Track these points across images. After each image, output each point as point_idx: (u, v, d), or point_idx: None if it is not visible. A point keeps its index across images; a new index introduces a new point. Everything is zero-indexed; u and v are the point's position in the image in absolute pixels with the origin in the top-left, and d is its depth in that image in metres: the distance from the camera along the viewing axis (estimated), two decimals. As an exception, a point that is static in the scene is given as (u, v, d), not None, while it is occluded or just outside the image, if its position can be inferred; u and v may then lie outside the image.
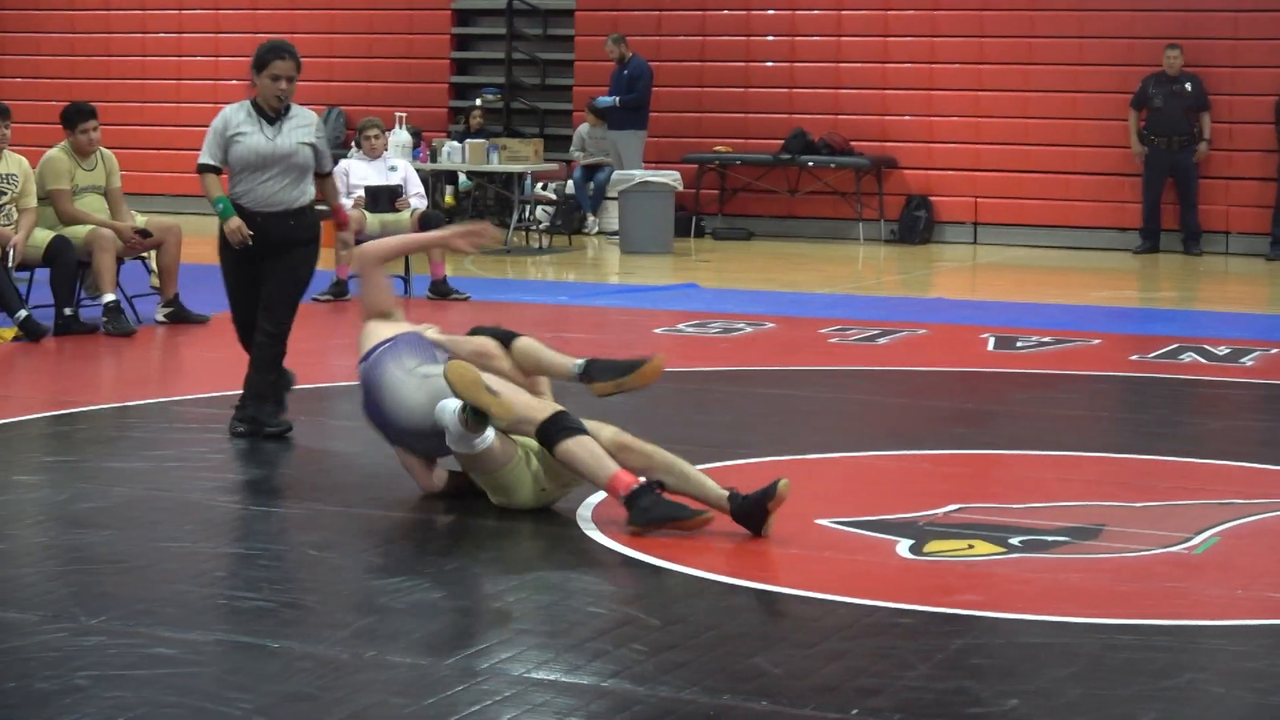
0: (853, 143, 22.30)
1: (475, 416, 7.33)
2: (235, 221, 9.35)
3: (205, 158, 9.63)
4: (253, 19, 25.40)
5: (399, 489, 8.12)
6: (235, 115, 9.62)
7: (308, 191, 9.60)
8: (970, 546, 7.28)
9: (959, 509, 7.88)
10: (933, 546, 7.26)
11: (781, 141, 22.45)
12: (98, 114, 13.90)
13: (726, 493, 7.41)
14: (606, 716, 5.25)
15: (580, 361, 7.93)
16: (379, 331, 7.98)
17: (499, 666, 5.65)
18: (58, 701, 5.25)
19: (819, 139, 22.31)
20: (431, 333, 8.13)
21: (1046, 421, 10.14)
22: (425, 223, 15.62)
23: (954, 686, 5.54)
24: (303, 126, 9.59)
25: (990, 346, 13.10)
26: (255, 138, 9.48)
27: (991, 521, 7.66)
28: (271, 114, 9.61)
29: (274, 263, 9.39)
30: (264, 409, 9.16)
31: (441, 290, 15.60)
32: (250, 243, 9.31)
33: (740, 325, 13.96)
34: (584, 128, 22.84)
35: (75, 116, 13.76)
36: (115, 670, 5.56)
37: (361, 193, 15.78)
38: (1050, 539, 7.40)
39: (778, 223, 22.88)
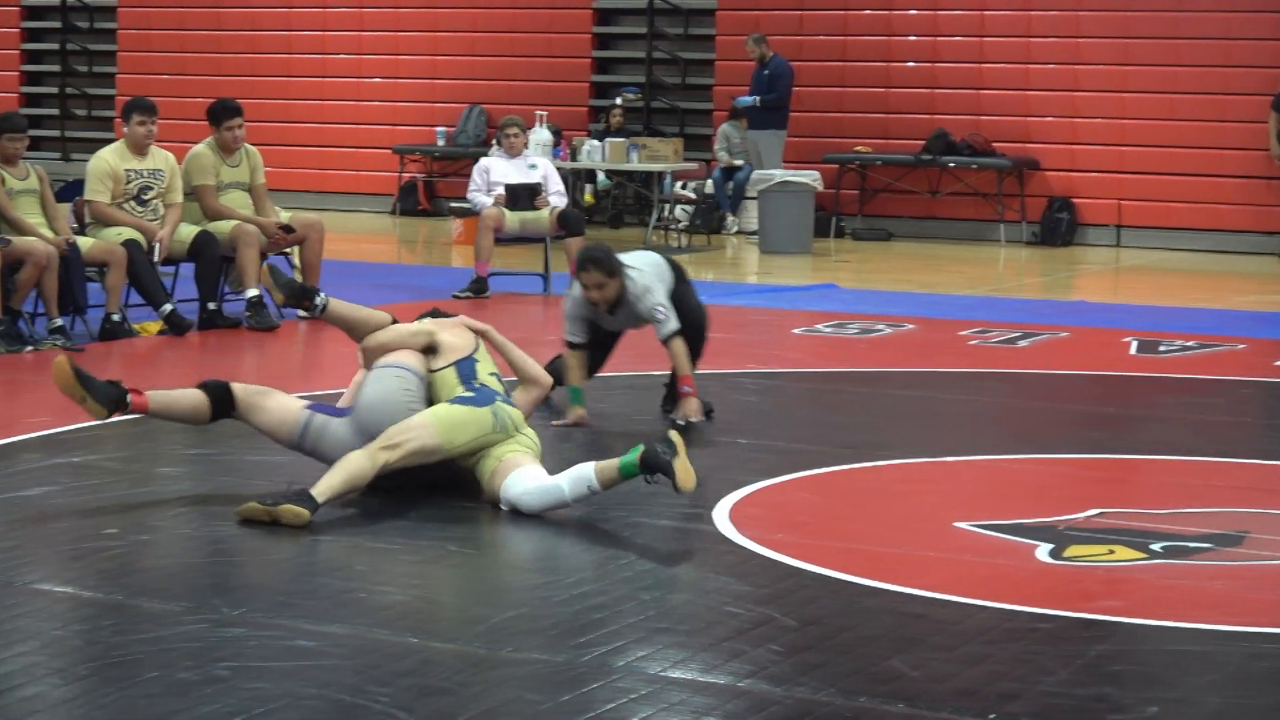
0: (995, 144, 22.16)
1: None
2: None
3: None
4: (396, 17, 25.57)
5: (537, 486, 8.16)
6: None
7: None
8: (1111, 552, 7.22)
9: (1100, 514, 7.81)
10: (1073, 551, 7.20)
11: (923, 142, 22.35)
12: (243, 112, 14.04)
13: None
14: (742, 716, 5.24)
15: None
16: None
17: (635, 664, 5.65)
18: (198, 691, 5.31)
19: (960, 140, 22.19)
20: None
21: (1189, 426, 10.03)
22: (563, 221, 15.65)
23: (1094, 693, 5.49)
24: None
25: (1133, 350, 12.97)
26: None
27: (1133, 527, 7.58)
28: None
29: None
30: None
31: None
32: None
33: (879, 326, 13.90)
34: (727, 126, 22.81)
35: (221, 113, 13.91)
36: (255, 662, 5.61)
37: (501, 190, 15.83)
38: (1192, 545, 7.32)
39: (918, 223, 22.77)
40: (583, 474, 7.45)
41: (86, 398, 7.73)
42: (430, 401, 7.90)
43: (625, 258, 9.87)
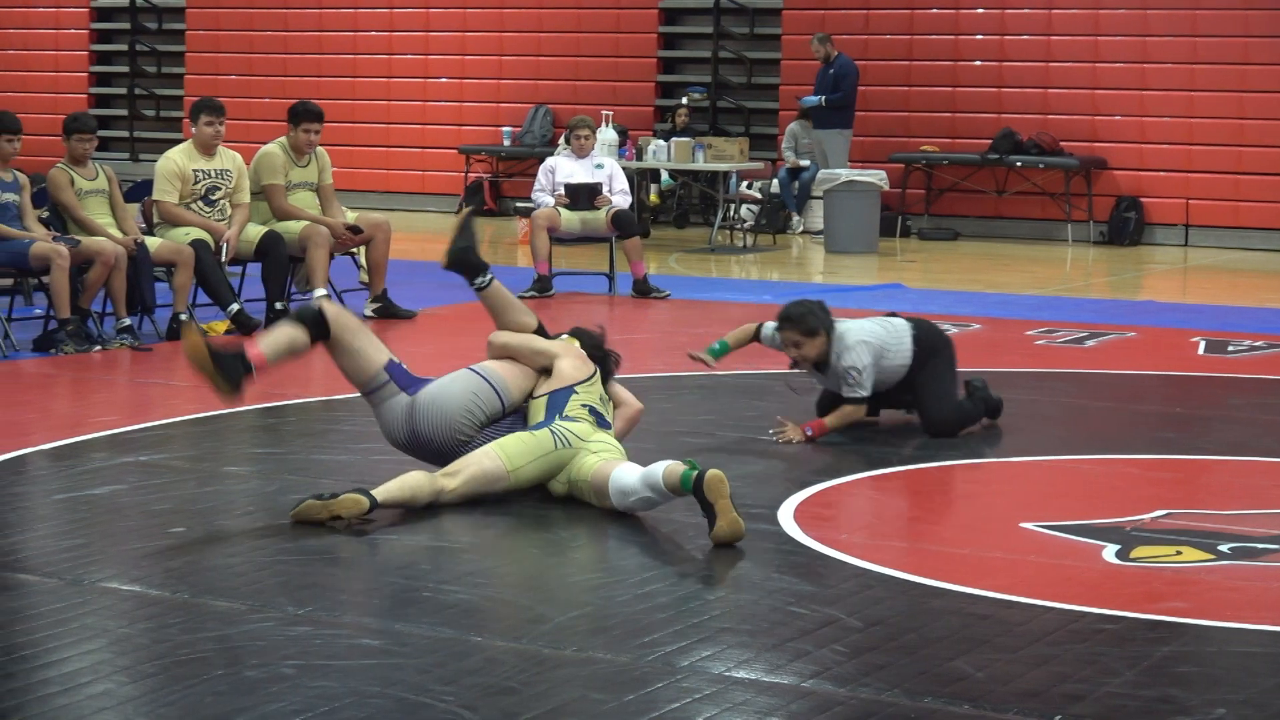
0: (1062, 143, 22.08)
1: None
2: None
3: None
4: (462, 18, 25.63)
5: (602, 485, 8.18)
6: None
7: None
8: (1178, 553, 7.18)
9: (1167, 514, 7.77)
10: (1140, 552, 7.16)
11: (989, 141, 22.28)
12: (324, 118, 14.09)
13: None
14: (806, 717, 5.23)
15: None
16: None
17: (699, 664, 5.65)
18: (265, 689, 5.33)
19: (1027, 139, 22.11)
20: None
21: (1258, 427, 9.96)
22: (617, 222, 15.66)
23: (1159, 694, 5.46)
24: None
25: (1201, 350, 12.90)
26: None
27: (1200, 528, 7.54)
28: None
29: None
30: None
31: (643, 289, 15.64)
32: None
33: (945, 326, 13.80)
34: (795, 125, 22.79)
35: (303, 115, 13.95)
36: (320, 660, 5.63)
37: (562, 190, 15.85)
38: (1261, 546, 7.28)
39: (984, 223, 22.70)
40: (654, 475, 7.44)
41: (216, 375, 7.64)
42: (496, 422, 7.98)
43: (863, 322, 9.62)
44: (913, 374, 9.50)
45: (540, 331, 8.26)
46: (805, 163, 22.36)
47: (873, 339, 9.41)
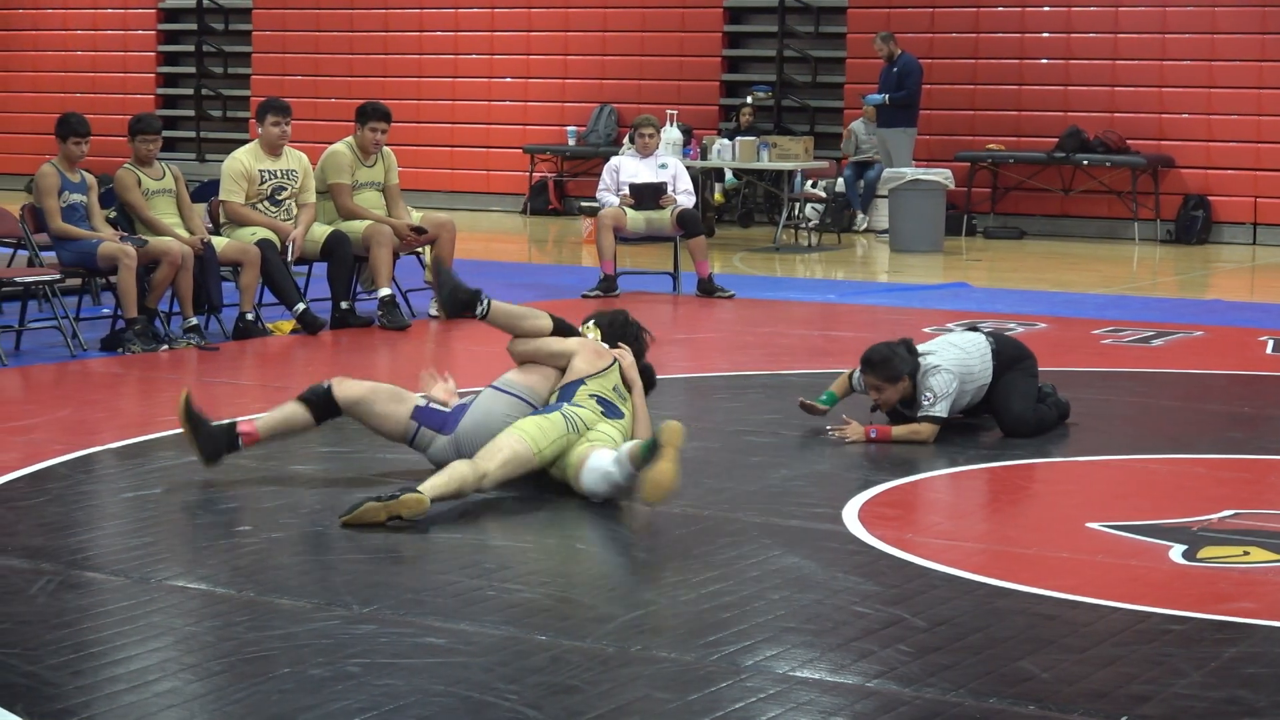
0: (1129, 141, 21.98)
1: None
2: None
3: None
4: (527, 18, 25.67)
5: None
6: None
7: None
8: (1246, 553, 7.14)
9: (1234, 515, 7.72)
10: (1207, 552, 7.12)
11: (1056, 140, 22.20)
12: (391, 118, 14.13)
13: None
14: (871, 717, 5.22)
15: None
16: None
17: (763, 664, 5.65)
18: (330, 688, 5.35)
19: (1094, 137, 22.02)
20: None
21: (1327, 427, 9.90)
22: (681, 221, 15.66)
23: (1227, 695, 5.43)
24: None
25: (1269, 349, 12.83)
26: None
27: (1268, 528, 7.50)
28: None
29: None
30: None
31: (708, 288, 15.63)
32: None
33: (1012, 325, 13.81)
34: (858, 124, 22.75)
35: (371, 114, 14.00)
36: (386, 658, 5.65)
37: (627, 189, 15.85)
38: (1330, 547, 7.23)
39: (1051, 222, 22.61)
40: (621, 454, 7.68)
41: (193, 443, 8.13)
42: None
43: (945, 339, 9.60)
44: (992, 386, 9.47)
45: (559, 327, 8.45)
46: (876, 156, 22.31)
47: (956, 366, 9.34)
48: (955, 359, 9.37)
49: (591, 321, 8.63)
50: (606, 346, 8.43)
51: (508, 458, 7.76)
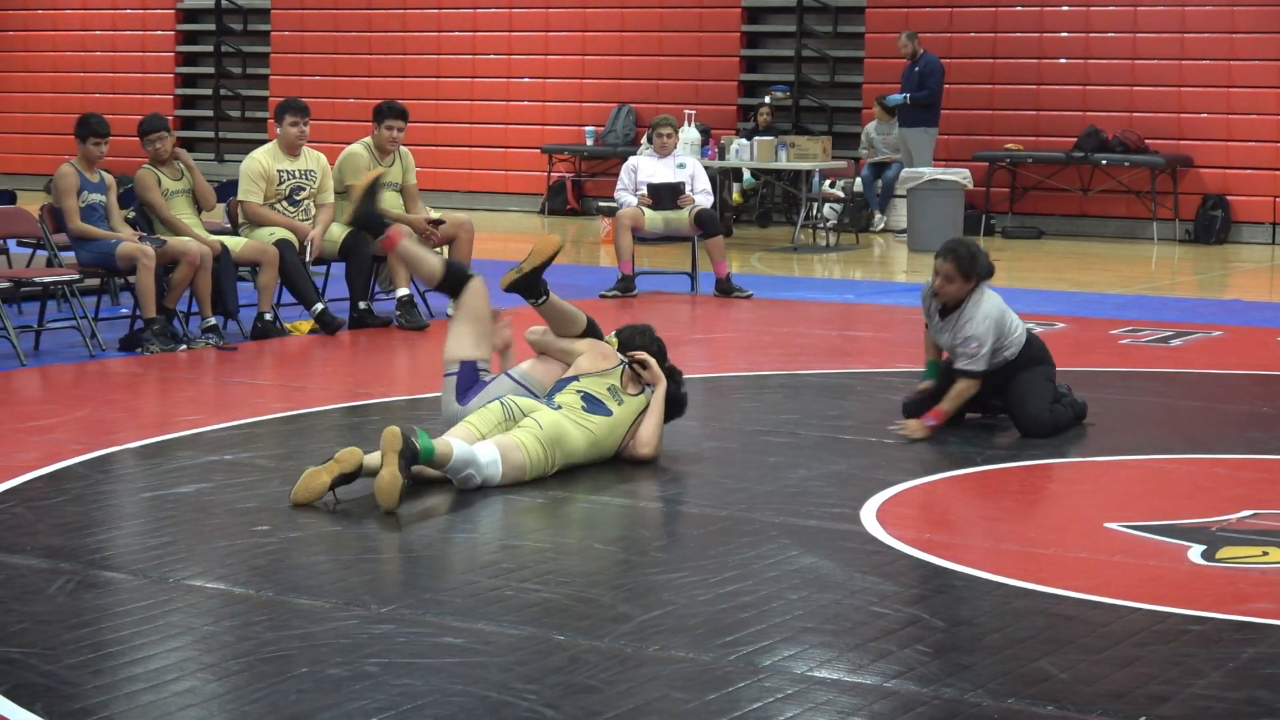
0: (1148, 141, 21.94)
1: None
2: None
3: None
4: (545, 18, 25.68)
5: (689, 485, 8.17)
6: None
7: None
8: (1265, 553, 7.12)
9: (1253, 515, 7.71)
10: (1226, 553, 7.11)
11: (1074, 139, 22.17)
12: (408, 117, 14.15)
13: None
14: (889, 717, 5.21)
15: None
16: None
17: (781, 664, 5.64)
18: (348, 687, 5.35)
19: (1113, 137, 21.99)
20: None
21: (1347, 427, 9.88)
22: (700, 221, 15.66)
23: (1246, 696, 5.42)
24: None
25: (1288, 349, 12.81)
26: None
27: (1288, 528, 7.48)
28: None
29: None
30: None
31: (726, 288, 15.63)
32: None
33: (1030, 325, 13.75)
34: (871, 125, 22.75)
35: (387, 113, 14.02)
36: (404, 658, 5.65)
37: (645, 190, 15.85)
38: (1349, 547, 7.21)
39: (1069, 221, 22.59)
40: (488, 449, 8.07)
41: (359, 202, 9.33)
42: None
43: (999, 298, 9.62)
44: (1009, 377, 9.46)
45: (590, 328, 8.87)
46: (896, 155, 22.30)
47: (1000, 317, 9.45)
48: (1001, 312, 9.48)
49: (614, 334, 8.97)
50: (615, 351, 8.74)
51: (459, 442, 8.01)
